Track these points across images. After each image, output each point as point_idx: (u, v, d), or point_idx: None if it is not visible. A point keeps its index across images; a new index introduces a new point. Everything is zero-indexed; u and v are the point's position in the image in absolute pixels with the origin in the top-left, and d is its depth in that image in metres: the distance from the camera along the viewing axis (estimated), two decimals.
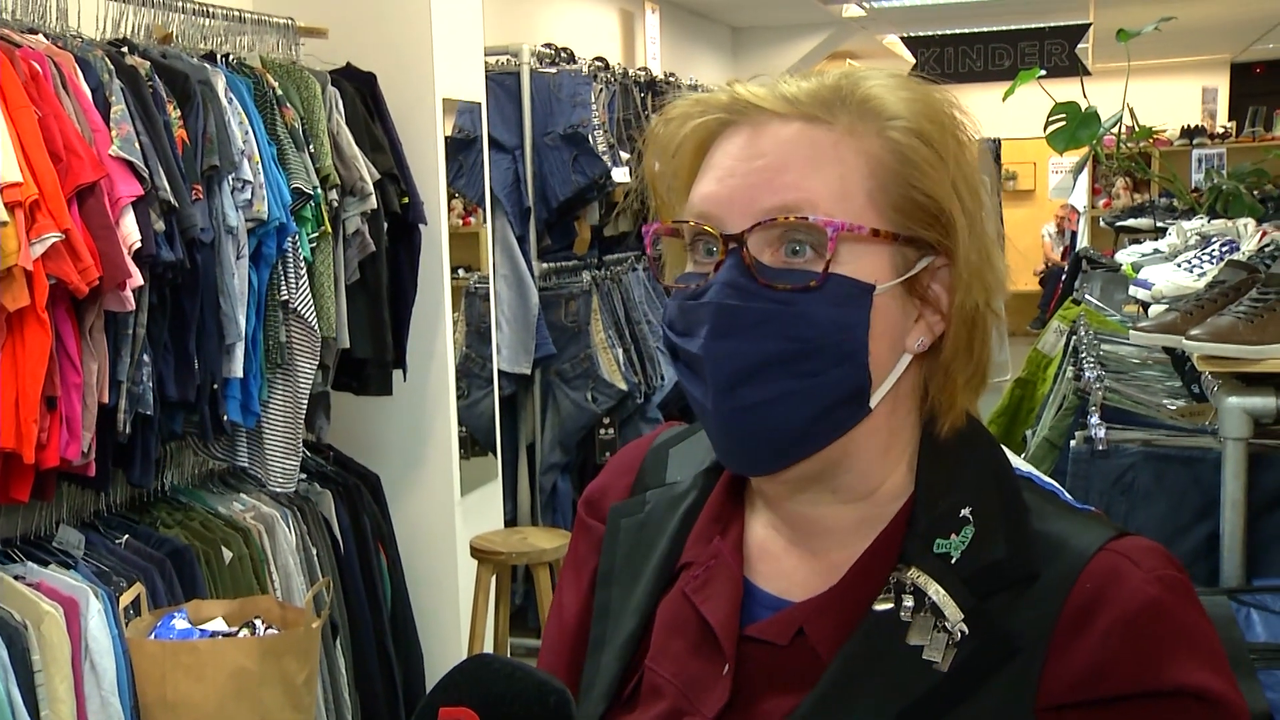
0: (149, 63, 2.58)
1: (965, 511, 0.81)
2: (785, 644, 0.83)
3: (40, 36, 2.42)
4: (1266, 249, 2.17)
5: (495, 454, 3.96)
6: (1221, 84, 11.91)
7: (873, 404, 0.81)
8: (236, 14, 3.06)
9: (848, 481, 0.84)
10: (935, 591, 0.79)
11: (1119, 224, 5.85)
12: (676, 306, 0.82)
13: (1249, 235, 2.40)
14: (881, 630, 0.80)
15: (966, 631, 0.77)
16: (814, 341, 0.78)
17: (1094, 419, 1.91)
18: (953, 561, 0.79)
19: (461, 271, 3.91)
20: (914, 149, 0.80)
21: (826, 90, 0.81)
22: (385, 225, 3.19)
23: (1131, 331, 2.03)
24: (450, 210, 3.67)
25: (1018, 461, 0.88)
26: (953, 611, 0.78)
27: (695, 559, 0.90)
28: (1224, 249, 2.36)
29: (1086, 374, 2.12)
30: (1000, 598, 0.78)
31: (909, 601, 0.80)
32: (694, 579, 0.89)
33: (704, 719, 0.84)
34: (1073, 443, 1.94)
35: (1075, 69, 7.30)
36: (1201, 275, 2.28)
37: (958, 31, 8.26)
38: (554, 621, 1.00)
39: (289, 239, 2.82)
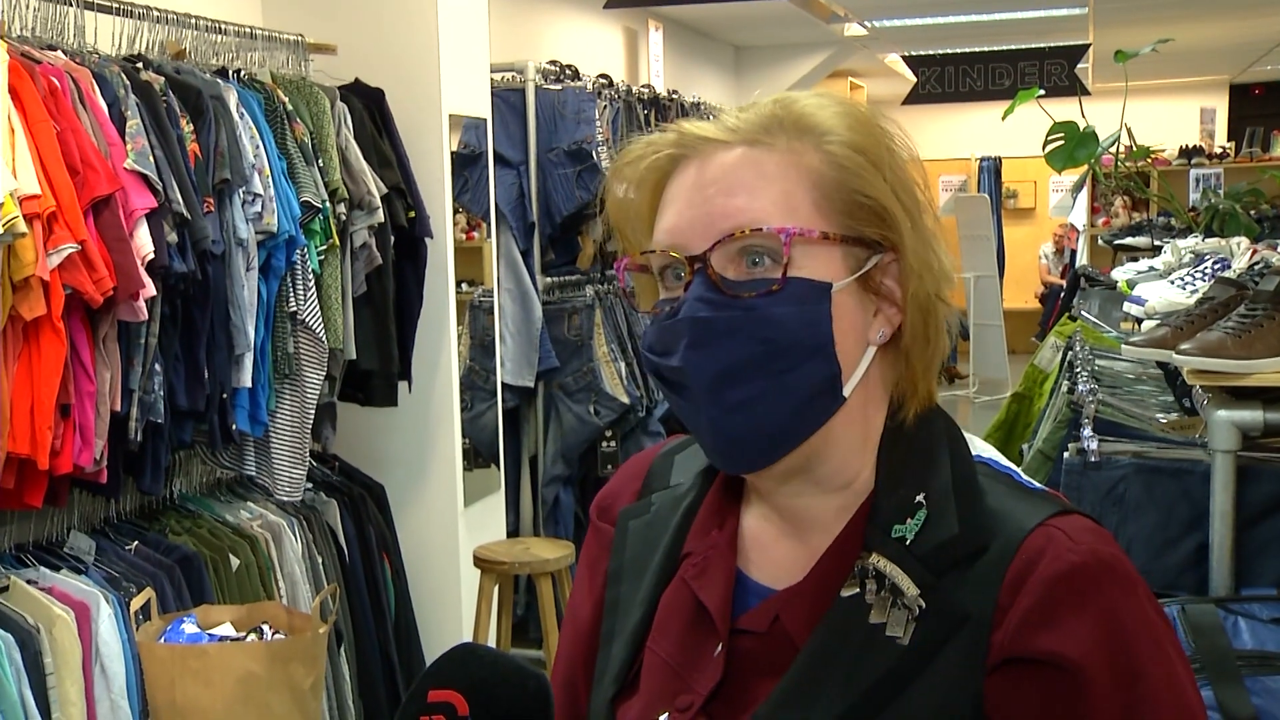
0: (163, 78, 2.64)
1: (919, 497, 0.87)
2: (765, 631, 0.90)
3: (59, 53, 2.48)
4: (1255, 267, 2.21)
5: (498, 466, 4.00)
6: (1220, 104, 11.97)
7: (846, 393, 0.87)
8: (248, 30, 3.12)
9: (827, 473, 0.90)
10: (893, 572, 0.85)
11: (1117, 242, 5.90)
12: (654, 329, 0.90)
13: (1240, 253, 2.45)
14: (848, 614, 0.86)
15: (924, 606, 0.83)
16: (783, 340, 0.85)
17: (1086, 431, 1.95)
18: (908, 543, 0.85)
19: (465, 286, 3.95)
20: (849, 158, 0.87)
21: (764, 116, 0.89)
22: (392, 239, 3.24)
23: (1124, 346, 2.07)
24: (454, 225, 3.71)
25: (981, 447, 0.94)
26: (909, 587, 0.84)
27: (695, 549, 0.96)
28: (1216, 267, 2.40)
29: (1080, 387, 2.16)
30: (953, 573, 0.84)
31: (872, 585, 0.86)
32: (693, 567, 0.95)
33: (698, 696, 0.90)
34: (1066, 454, 1.98)
35: (1074, 89, 7.36)
36: (1194, 292, 2.32)
37: (958, 51, 8.33)
38: (569, 623, 1.05)
39: (298, 251, 2.87)
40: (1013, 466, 0.93)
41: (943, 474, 0.88)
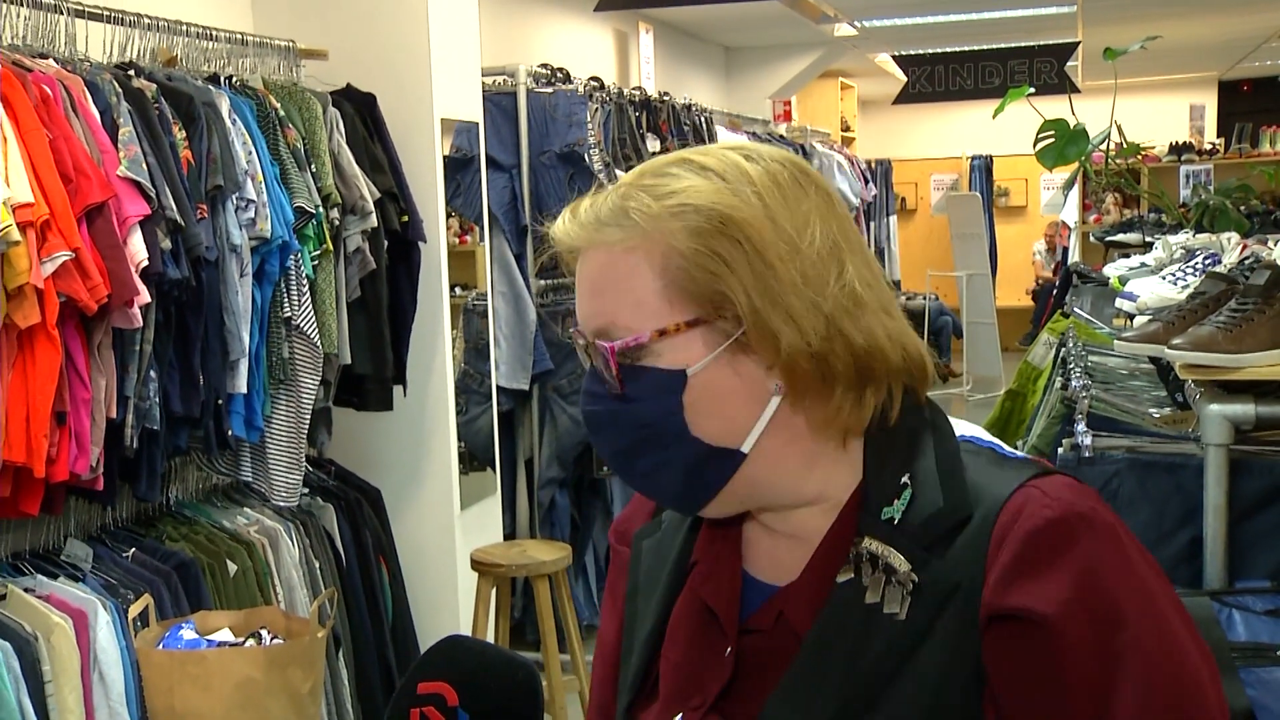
0: (155, 85, 2.64)
1: (904, 478, 0.90)
2: (769, 628, 0.92)
3: (50, 61, 2.48)
4: (1246, 261, 2.22)
5: (494, 469, 4.00)
6: (1209, 101, 12.01)
7: (745, 448, 0.90)
8: (239, 37, 3.12)
9: (782, 498, 0.93)
10: (884, 552, 0.87)
11: (1109, 239, 5.92)
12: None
13: (1231, 248, 2.46)
14: (845, 599, 0.88)
15: (916, 580, 0.86)
16: (645, 431, 0.90)
17: (1080, 426, 1.96)
18: (896, 523, 0.88)
19: (459, 289, 3.95)
20: (684, 246, 0.88)
21: (614, 206, 0.91)
22: (385, 243, 3.24)
23: (1116, 342, 2.08)
24: (447, 229, 3.72)
25: (964, 428, 0.96)
26: (900, 563, 0.86)
27: (701, 557, 0.99)
28: (1206, 262, 2.42)
29: (1073, 383, 2.17)
30: (942, 546, 0.86)
31: (867, 569, 0.88)
32: (700, 574, 0.98)
33: (708, 696, 0.92)
34: (1060, 450, 1.99)
35: (1064, 86, 7.38)
36: (1185, 287, 2.33)
37: (948, 50, 8.35)
38: (599, 650, 1.09)
39: (291, 257, 2.87)
40: (996, 440, 0.95)
41: (925, 455, 0.90)
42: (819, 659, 0.88)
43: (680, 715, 0.93)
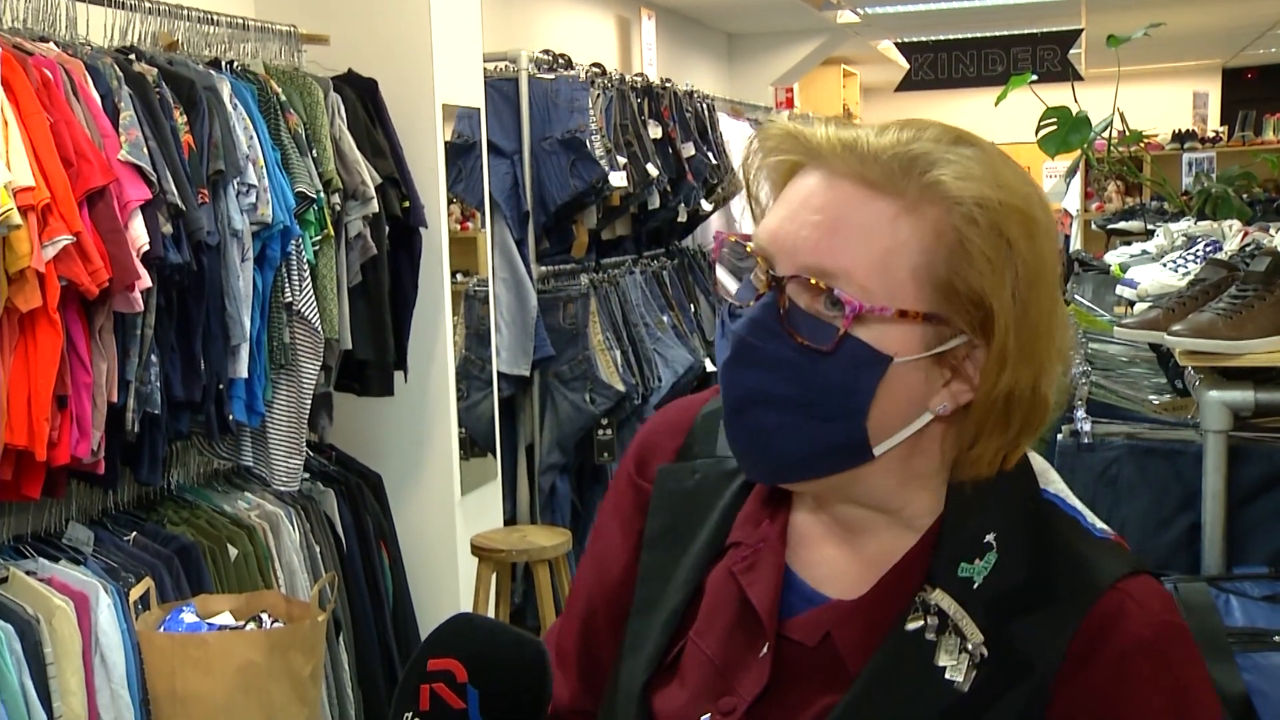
0: (156, 70, 2.64)
1: (989, 537, 0.85)
2: (814, 645, 0.88)
3: (51, 44, 2.48)
4: (1247, 248, 2.22)
5: (494, 455, 4.01)
6: (1213, 89, 11.97)
7: (877, 453, 0.84)
8: (240, 21, 3.12)
9: (863, 499, 0.88)
10: (957, 613, 0.83)
11: (1110, 227, 5.91)
12: (725, 312, 0.88)
13: (1232, 236, 2.46)
14: (908, 648, 0.84)
15: (986, 654, 0.82)
16: (817, 394, 0.82)
17: (1080, 413, 1.96)
18: (975, 586, 0.83)
19: (460, 275, 3.95)
20: (971, 241, 0.80)
21: (902, 157, 0.81)
22: (386, 229, 3.24)
23: (1116, 328, 2.08)
24: (448, 215, 3.71)
25: (1048, 480, 0.91)
26: (973, 633, 0.82)
27: (744, 539, 0.94)
28: (1208, 249, 2.41)
29: (1073, 369, 2.17)
30: (1019, 622, 0.82)
31: (933, 621, 0.84)
32: (742, 559, 0.93)
33: (742, 701, 0.89)
34: (1059, 436, 1.99)
35: (1067, 74, 7.37)
36: (1186, 274, 2.33)
37: (951, 37, 8.33)
38: (595, 565, 1.04)
39: (293, 242, 2.87)
40: (1079, 506, 0.90)
41: (1013, 513, 0.86)
42: (869, 704, 0.84)
43: (708, 715, 0.90)
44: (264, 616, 2.47)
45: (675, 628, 0.94)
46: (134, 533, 2.73)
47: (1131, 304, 2.56)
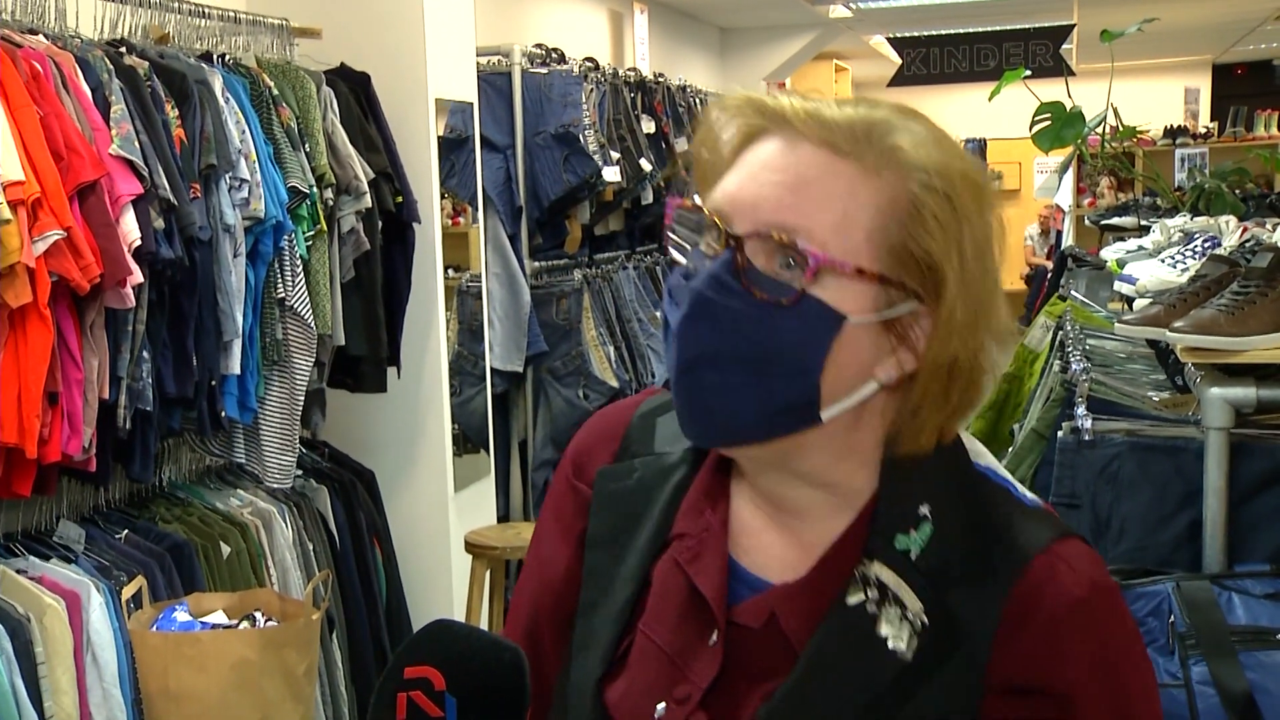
0: (147, 63, 2.61)
1: (924, 509, 0.86)
2: (759, 627, 0.89)
3: (40, 37, 2.45)
4: (1247, 244, 2.22)
5: (488, 451, 3.99)
6: (1204, 84, 12.01)
7: (825, 418, 0.85)
8: (232, 15, 3.09)
9: (804, 471, 0.89)
10: (896, 584, 0.85)
11: (1104, 222, 5.91)
12: (674, 278, 0.88)
13: (1230, 231, 2.45)
14: (850, 622, 0.85)
15: (926, 622, 0.84)
16: (772, 351, 0.83)
17: (1081, 410, 1.96)
18: (913, 557, 0.85)
19: (452, 271, 3.93)
20: (926, 206, 0.83)
21: (862, 125, 0.85)
22: (379, 224, 3.22)
23: (1117, 325, 2.07)
24: (440, 210, 3.69)
25: (977, 453, 0.93)
26: (912, 602, 0.84)
27: (688, 530, 0.94)
28: (1206, 244, 2.41)
29: (1073, 366, 2.16)
30: (956, 590, 0.84)
31: (873, 594, 0.85)
32: (687, 550, 0.94)
33: (696, 688, 0.90)
34: (1060, 433, 1.98)
35: (1060, 69, 7.36)
36: (1184, 270, 2.32)
37: (943, 32, 8.33)
38: (534, 573, 1.04)
39: (285, 237, 2.85)
40: (1009, 478, 0.93)
41: (947, 485, 0.88)
42: (816, 680, 0.85)
43: (663, 704, 0.90)
44: (257, 614, 2.45)
45: (625, 623, 0.94)
46: (126, 530, 2.70)
47: (1129, 300, 2.55)
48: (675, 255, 0.90)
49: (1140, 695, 0.86)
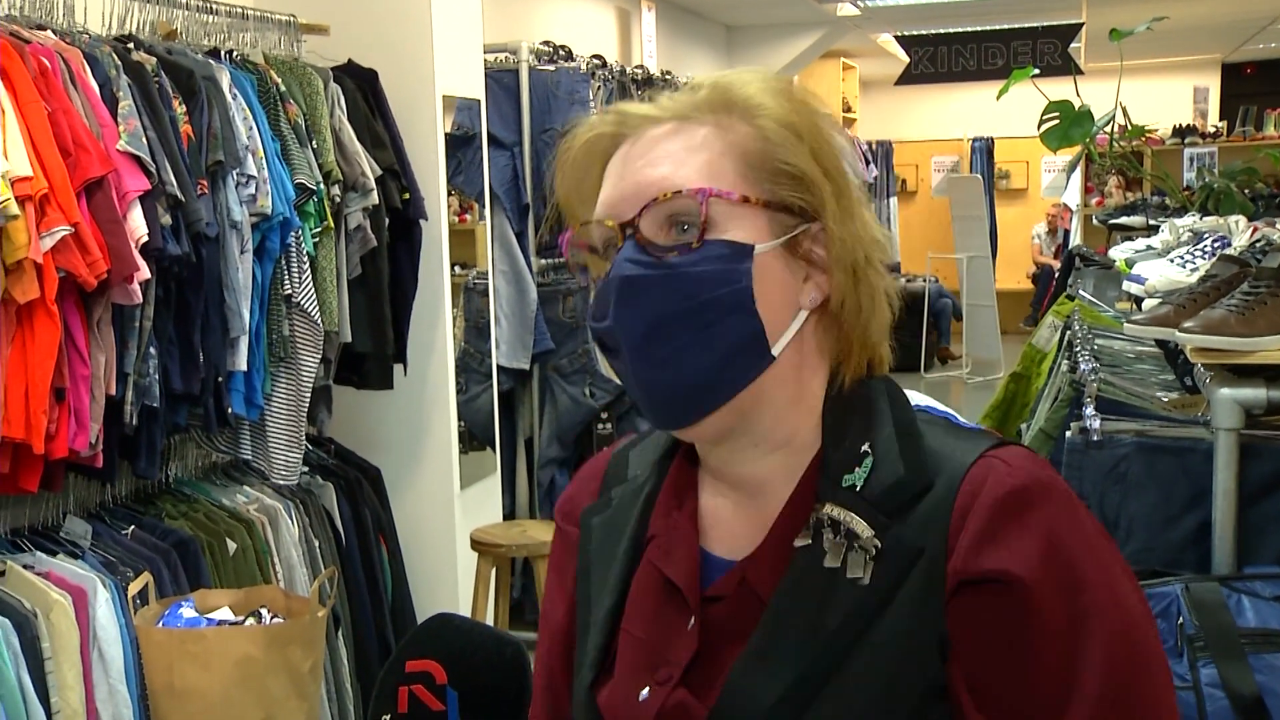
0: (155, 59, 2.61)
1: (865, 446, 0.91)
2: (732, 593, 0.93)
3: (49, 32, 2.45)
4: (1258, 244, 2.20)
5: (494, 448, 3.99)
6: (1213, 84, 11.96)
7: (775, 352, 0.91)
8: (239, 11, 3.09)
9: (763, 431, 0.93)
10: (846, 518, 0.89)
11: (1112, 222, 5.89)
12: (594, 294, 0.94)
13: (1240, 231, 2.44)
14: (808, 562, 0.89)
15: (880, 545, 0.87)
16: (704, 296, 0.89)
17: (1089, 410, 1.95)
18: (858, 490, 0.90)
19: (459, 268, 3.93)
20: (775, 131, 0.92)
21: (695, 95, 0.94)
22: (386, 221, 3.21)
23: (1126, 325, 2.06)
24: (447, 207, 3.69)
25: (917, 397, 0.98)
26: (863, 529, 0.88)
27: (658, 531, 0.99)
28: (1216, 244, 2.40)
29: (1082, 366, 2.15)
30: (904, 512, 0.88)
31: (829, 534, 0.89)
32: (658, 548, 0.98)
33: (676, 668, 0.92)
34: (1068, 434, 1.97)
35: (1068, 68, 7.34)
36: (1194, 270, 2.31)
37: (951, 31, 8.30)
38: (544, 628, 1.08)
39: (292, 234, 2.85)
40: (949, 410, 0.98)
41: (885, 424, 0.92)
42: (783, 623, 0.88)
43: (646, 689, 0.93)
44: (263, 611, 2.45)
45: (609, 630, 0.98)
46: (132, 526, 2.71)
47: (1136, 300, 2.54)
48: (589, 277, 0.97)
49: (1096, 579, 0.86)
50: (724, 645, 0.91)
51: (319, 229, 2.95)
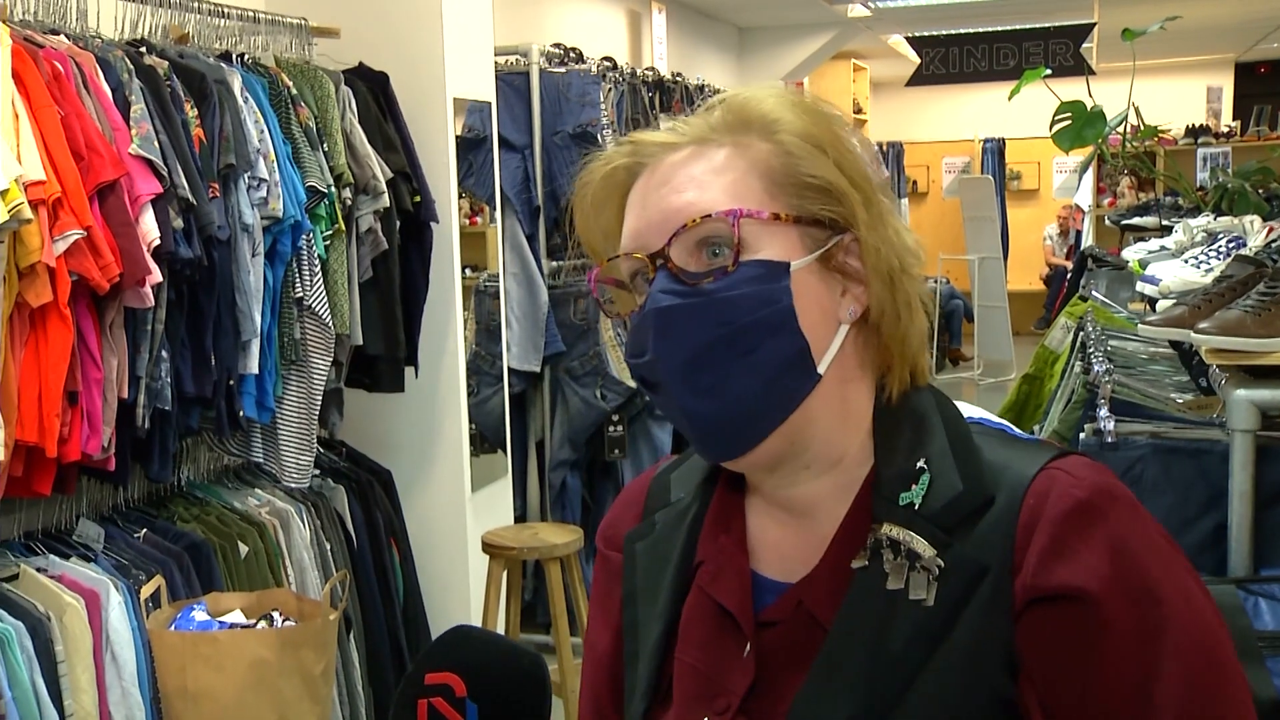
0: (167, 63, 2.62)
1: (920, 463, 0.89)
2: (789, 618, 0.90)
3: (62, 37, 2.46)
4: (1273, 244, 2.19)
5: (505, 451, 3.99)
6: (1226, 83, 11.91)
7: (821, 370, 0.89)
8: (250, 14, 3.10)
9: (814, 453, 0.91)
10: (906, 537, 0.86)
11: (1124, 222, 5.87)
12: (630, 331, 0.92)
13: (1256, 231, 2.43)
14: (870, 584, 0.87)
15: (942, 565, 0.85)
16: (744, 320, 0.87)
17: (1103, 412, 1.94)
18: (917, 508, 0.87)
19: (470, 271, 3.93)
20: (796, 144, 0.90)
21: (710, 117, 0.93)
22: (397, 223, 3.22)
23: (1140, 326, 2.05)
24: (458, 210, 3.69)
25: (968, 409, 0.96)
26: (925, 549, 0.86)
27: (707, 556, 0.96)
28: (1231, 245, 2.38)
29: (1096, 367, 2.14)
30: (964, 529, 0.86)
31: (889, 554, 0.87)
32: (707, 574, 0.96)
33: (734, 696, 0.90)
34: (1082, 435, 1.96)
35: (1080, 68, 7.32)
36: (1208, 271, 2.30)
37: (963, 31, 8.29)
38: (589, 656, 1.06)
39: (304, 237, 2.85)
40: (1004, 422, 0.95)
41: (938, 438, 0.90)
42: (845, 648, 0.86)
43: (705, 719, 0.91)
44: (275, 614, 2.45)
45: (661, 658, 0.96)
46: (144, 530, 2.71)
47: (1151, 301, 2.53)
48: (620, 313, 0.95)
49: (1169, 590, 0.83)
50: (781, 671, 0.89)
51: (330, 232, 2.95)
